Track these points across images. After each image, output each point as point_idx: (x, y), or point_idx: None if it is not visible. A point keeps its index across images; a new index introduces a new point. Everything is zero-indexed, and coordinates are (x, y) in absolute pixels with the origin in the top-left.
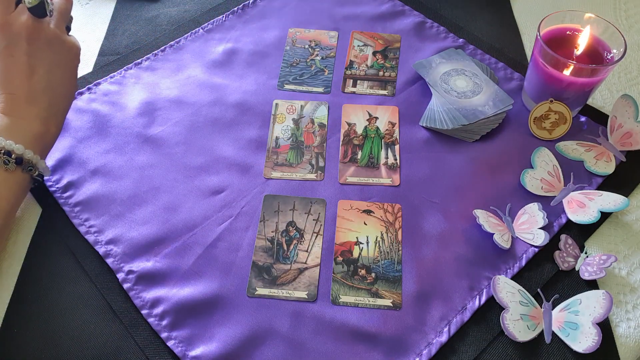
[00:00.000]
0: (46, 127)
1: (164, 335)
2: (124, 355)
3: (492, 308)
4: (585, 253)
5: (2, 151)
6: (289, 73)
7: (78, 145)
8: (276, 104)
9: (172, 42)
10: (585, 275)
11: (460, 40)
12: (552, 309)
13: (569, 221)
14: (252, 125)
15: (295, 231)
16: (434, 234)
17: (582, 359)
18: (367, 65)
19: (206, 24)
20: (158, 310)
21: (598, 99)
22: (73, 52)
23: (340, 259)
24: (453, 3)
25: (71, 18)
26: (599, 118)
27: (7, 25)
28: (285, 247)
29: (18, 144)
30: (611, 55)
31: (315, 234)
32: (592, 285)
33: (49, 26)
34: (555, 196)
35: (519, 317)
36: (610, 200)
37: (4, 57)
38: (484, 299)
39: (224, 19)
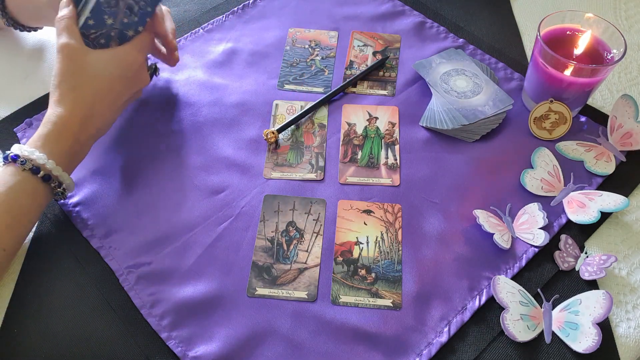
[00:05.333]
0: (84, 157)
1: (164, 335)
2: (124, 355)
3: (492, 308)
4: (585, 253)
5: (57, 182)
6: (289, 73)
7: None
8: (276, 104)
9: None
10: (585, 275)
11: (460, 40)
12: (552, 309)
13: (569, 221)
14: (252, 126)
15: (295, 231)
16: (434, 234)
17: (582, 359)
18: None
19: (206, 24)
20: (158, 310)
21: (598, 99)
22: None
23: (340, 259)
24: (453, 3)
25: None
26: (599, 118)
27: (140, 68)
28: (285, 247)
29: (69, 177)
30: (611, 55)
31: (315, 234)
32: (592, 285)
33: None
34: (555, 196)
35: (519, 317)
36: (610, 200)
37: (118, 83)
38: (484, 299)
39: (224, 19)
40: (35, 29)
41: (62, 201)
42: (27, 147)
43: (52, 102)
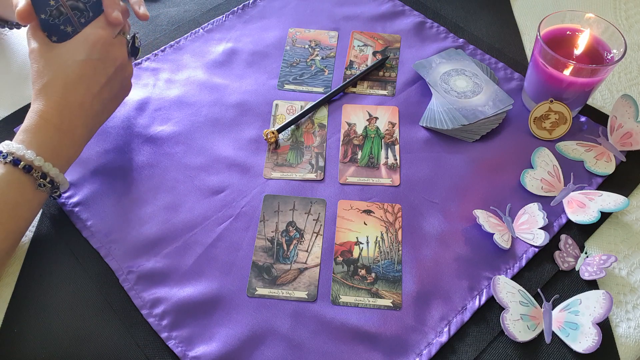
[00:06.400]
0: (78, 150)
1: (164, 335)
2: (124, 355)
3: (492, 308)
4: (585, 253)
5: (40, 173)
6: (289, 73)
7: None
8: (276, 104)
9: (172, 42)
10: (585, 275)
11: (460, 40)
12: (552, 309)
13: (569, 221)
14: (252, 126)
15: (295, 231)
16: (434, 234)
17: (582, 359)
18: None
19: (206, 24)
20: (158, 310)
21: (598, 99)
22: (128, 91)
23: (340, 259)
24: (453, 3)
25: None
26: (599, 118)
27: (108, 45)
28: (285, 247)
29: (55, 167)
30: (611, 55)
31: (315, 234)
32: (592, 285)
33: (131, 65)
34: (555, 196)
35: (519, 317)
36: (610, 200)
37: (86, 67)
38: (484, 299)
39: (224, 19)
40: (24, 25)
41: (61, 201)
42: (9, 142)
43: (32, 102)
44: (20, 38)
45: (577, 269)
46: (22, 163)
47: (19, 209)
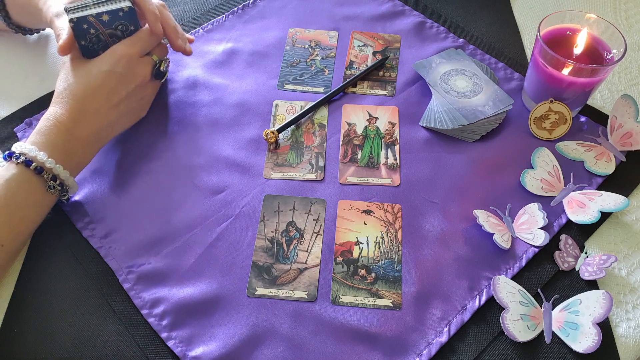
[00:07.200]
0: (89, 157)
1: (164, 335)
2: (124, 355)
3: (492, 308)
4: (585, 253)
5: (50, 175)
6: (289, 73)
7: None
8: (276, 104)
9: None
10: (585, 275)
11: (460, 40)
12: (552, 309)
13: (569, 221)
14: (252, 126)
15: (295, 231)
16: (434, 234)
17: (582, 359)
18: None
19: (206, 24)
20: (158, 310)
21: (598, 99)
22: (144, 111)
23: (340, 259)
24: (453, 3)
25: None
26: (599, 118)
27: (134, 62)
28: (285, 247)
29: (66, 170)
30: (611, 55)
31: (315, 234)
32: (592, 285)
33: (154, 88)
34: (555, 196)
35: (519, 317)
36: (610, 200)
37: (109, 78)
38: (484, 299)
39: (224, 19)
40: (37, 31)
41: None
42: (22, 143)
43: (50, 105)
44: (21, 39)
45: (577, 269)
46: (33, 164)
47: (28, 210)
